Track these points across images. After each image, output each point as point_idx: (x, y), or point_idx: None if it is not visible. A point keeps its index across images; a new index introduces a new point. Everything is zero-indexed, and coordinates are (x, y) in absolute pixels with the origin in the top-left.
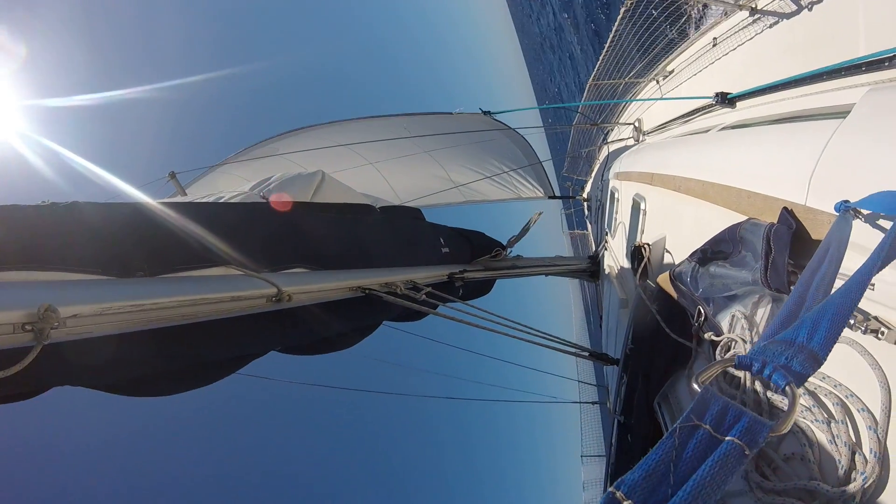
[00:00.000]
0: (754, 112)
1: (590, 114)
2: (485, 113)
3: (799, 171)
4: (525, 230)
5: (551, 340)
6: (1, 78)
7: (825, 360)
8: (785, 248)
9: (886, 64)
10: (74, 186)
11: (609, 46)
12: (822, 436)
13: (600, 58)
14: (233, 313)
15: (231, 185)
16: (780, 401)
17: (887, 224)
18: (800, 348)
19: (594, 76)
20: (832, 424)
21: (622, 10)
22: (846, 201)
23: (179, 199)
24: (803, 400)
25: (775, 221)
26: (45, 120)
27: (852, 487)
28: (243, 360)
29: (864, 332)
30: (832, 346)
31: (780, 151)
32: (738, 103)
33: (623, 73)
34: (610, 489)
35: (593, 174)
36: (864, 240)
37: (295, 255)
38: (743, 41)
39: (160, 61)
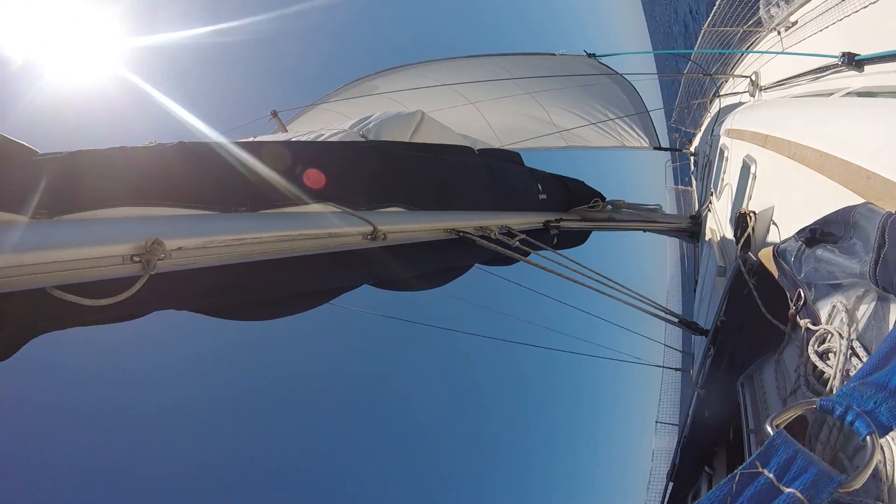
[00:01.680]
0: (884, 80)
1: (703, 63)
2: (589, 55)
3: None
4: (640, 207)
5: (641, 301)
6: (103, 17)
7: None
8: None
9: None
10: (177, 129)
11: None
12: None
13: (718, 1)
14: (329, 249)
15: (331, 122)
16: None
17: None
18: (892, 393)
19: (710, 21)
20: None
21: None
22: None
23: (281, 136)
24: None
25: (894, 211)
26: (144, 59)
27: None
28: (337, 292)
29: None
30: None
31: None
32: (866, 67)
33: (742, 20)
34: None
35: (703, 128)
36: None
37: (392, 194)
38: None
39: None
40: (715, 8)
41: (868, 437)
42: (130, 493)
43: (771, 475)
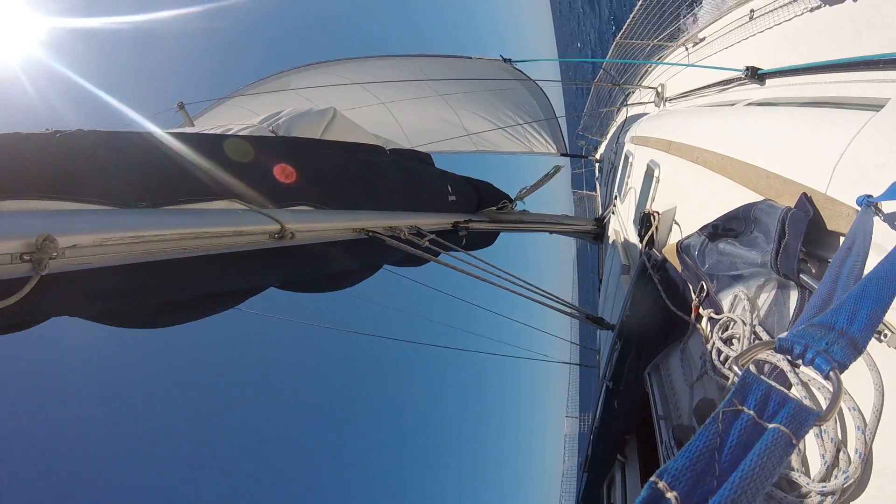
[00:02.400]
0: (783, 92)
1: (613, 73)
2: (505, 60)
3: (823, 159)
4: (539, 184)
5: (549, 298)
6: None
7: (865, 347)
8: (800, 234)
9: None
10: (81, 115)
11: (640, 6)
12: None
13: (630, 16)
14: (234, 248)
15: (241, 117)
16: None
17: None
18: (840, 333)
19: (622, 34)
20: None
21: None
22: (869, 196)
23: (186, 129)
24: (796, 390)
25: (792, 206)
26: (56, 42)
27: (832, 485)
28: (242, 295)
29: None
30: (872, 333)
31: (807, 135)
32: (767, 80)
33: (653, 34)
34: (652, 479)
35: (608, 136)
36: (882, 238)
37: (301, 192)
38: (781, 20)
39: None
40: (628, 21)
41: (831, 373)
42: None
43: (752, 412)
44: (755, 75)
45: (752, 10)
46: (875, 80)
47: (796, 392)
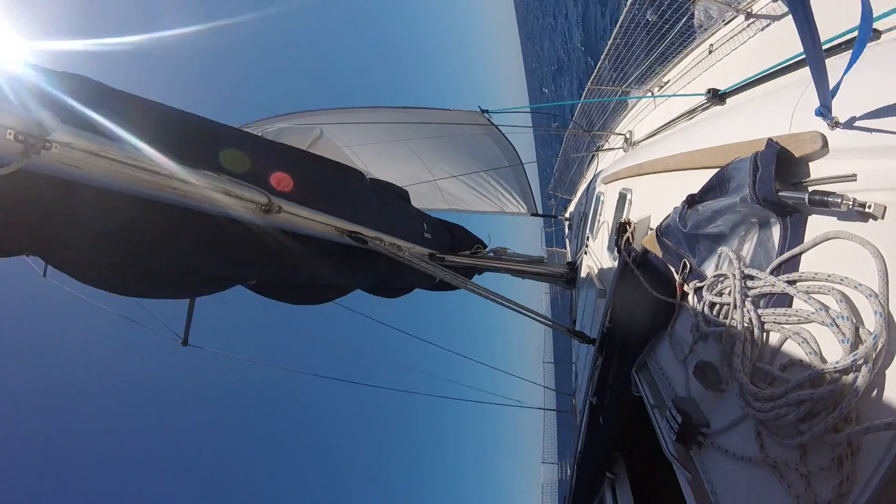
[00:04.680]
0: (742, 102)
1: (584, 123)
2: (483, 112)
3: (781, 112)
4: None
5: (533, 313)
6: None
7: None
8: (771, 161)
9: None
10: None
11: (605, 56)
12: (820, 329)
13: (597, 65)
14: (221, 210)
15: None
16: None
17: None
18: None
19: (591, 80)
20: (830, 311)
21: (620, 19)
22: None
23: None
24: (798, 302)
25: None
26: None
27: (862, 350)
28: (216, 282)
29: (851, 217)
30: None
31: (763, 105)
32: (728, 99)
33: (619, 81)
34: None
35: (578, 194)
36: None
37: (285, 188)
38: (737, 45)
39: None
40: (596, 69)
41: None
42: None
43: None
44: (716, 96)
45: (711, 45)
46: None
47: None
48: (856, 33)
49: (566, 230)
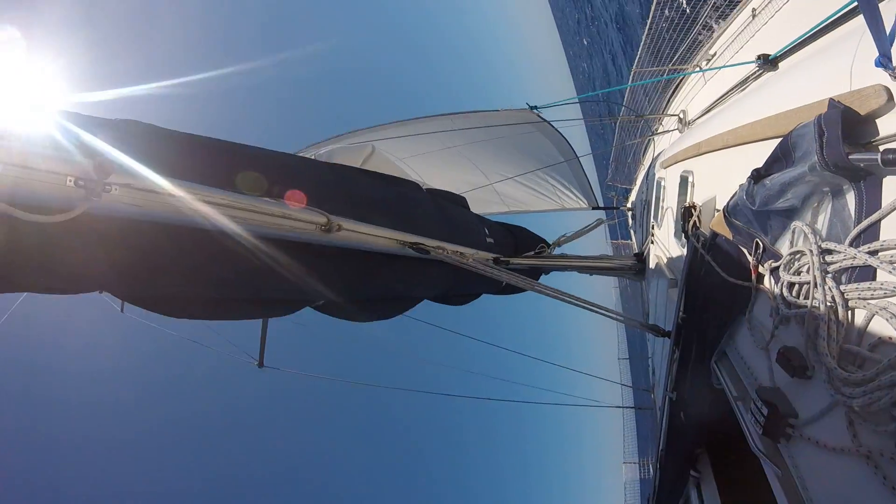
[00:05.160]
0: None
1: (635, 108)
2: (531, 108)
3: (839, 68)
4: (580, 233)
5: (604, 309)
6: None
7: None
8: (837, 123)
9: None
10: None
11: (647, 35)
12: None
13: (640, 46)
14: (281, 233)
15: None
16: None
17: None
18: None
19: (636, 63)
20: None
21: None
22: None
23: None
24: (882, 273)
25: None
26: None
27: None
28: (282, 304)
29: None
30: None
31: (819, 64)
32: (780, 63)
33: (664, 61)
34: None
35: (638, 182)
36: None
37: (345, 206)
38: (781, 5)
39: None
40: (639, 50)
41: None
42: None
43: None
44: (767, 61)
45: (753, 9)
46: None
47: None
48: None
49: (629, 220)
